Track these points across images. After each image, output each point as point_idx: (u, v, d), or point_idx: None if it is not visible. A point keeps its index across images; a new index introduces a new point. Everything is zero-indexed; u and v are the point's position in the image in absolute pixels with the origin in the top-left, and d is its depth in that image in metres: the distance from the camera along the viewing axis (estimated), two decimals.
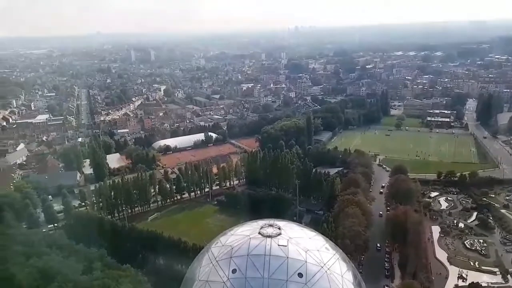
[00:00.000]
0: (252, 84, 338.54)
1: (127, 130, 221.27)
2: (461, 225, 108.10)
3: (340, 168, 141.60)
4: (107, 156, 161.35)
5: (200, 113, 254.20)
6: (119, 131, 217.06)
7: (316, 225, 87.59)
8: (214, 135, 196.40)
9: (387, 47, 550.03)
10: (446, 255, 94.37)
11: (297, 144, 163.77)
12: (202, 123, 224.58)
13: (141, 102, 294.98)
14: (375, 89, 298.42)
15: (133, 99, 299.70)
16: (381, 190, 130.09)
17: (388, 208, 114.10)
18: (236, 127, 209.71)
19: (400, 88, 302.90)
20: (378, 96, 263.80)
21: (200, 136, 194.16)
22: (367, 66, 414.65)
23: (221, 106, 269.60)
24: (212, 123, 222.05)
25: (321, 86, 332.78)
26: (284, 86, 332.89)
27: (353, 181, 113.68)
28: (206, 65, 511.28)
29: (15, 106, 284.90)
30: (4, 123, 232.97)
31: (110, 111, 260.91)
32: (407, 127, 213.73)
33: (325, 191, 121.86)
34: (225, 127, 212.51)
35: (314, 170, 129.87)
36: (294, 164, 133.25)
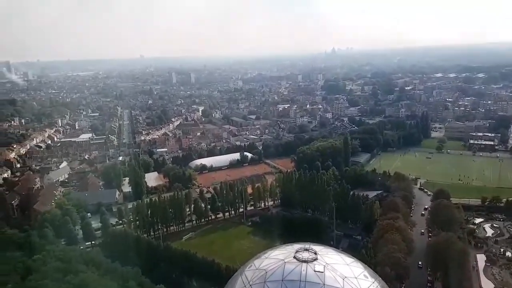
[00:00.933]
0: (288, 105, 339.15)
1: (166, 149, 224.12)
2: (509, 254, 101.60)
3: (379, 191, 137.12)
4: (146, 174, 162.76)
5: (236, 133, 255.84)
6: (158, 150, 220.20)
7: (354, 251, 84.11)
8: (249, 155, 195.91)
9: (427, 69, 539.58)
10: (493, 286, 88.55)
11: (333, 165, 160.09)
12: (238, 143, 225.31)
13: (180, 122, 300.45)
14: (414, 111, 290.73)
15: (173, 119, 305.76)
16: (423, 212, 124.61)
17: (430, 234, 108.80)
18: (271, 147, 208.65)
19: (440, 110, 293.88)
20: (418, 118, 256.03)
21: (236, 156, 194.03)
22: (406, 88, 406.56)
23: (257, 126, 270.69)
24: (248, 143, 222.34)
25: (359, 107, 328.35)
26: (320, 107, 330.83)
27: (393, 205, 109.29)
28: (244, 87, 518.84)
29: (60, 125, 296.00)
30: (49, 142, 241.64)
31: (150, 130, 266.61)
32: (448, 150, 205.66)
33: (363, 215, 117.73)
34: (261, 147, 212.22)
35: (351, 192, 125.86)
36: (330, 186, 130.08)
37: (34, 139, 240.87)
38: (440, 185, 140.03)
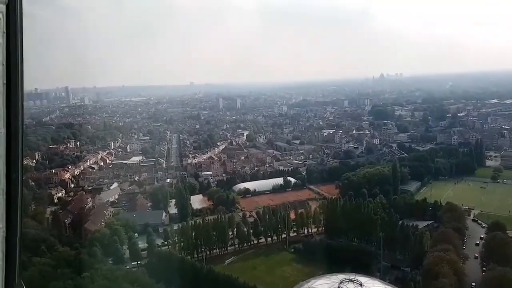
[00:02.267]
0: (333, 130, 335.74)
1: (211, 172, 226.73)
2: None
3: (430, 222, 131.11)
4: (191, 197, 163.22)
5: (279, 157, 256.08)
6: (203, 173, 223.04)
7: (402, 283, 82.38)
8: (293, 180, 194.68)
9: (481, 94, 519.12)
10: None
11: (381, 193, 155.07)
12: (281, 168, 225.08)
13: (225, 146, 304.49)
14: (468, 138, 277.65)
15: (218, 143, 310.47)
16: (477, 243, 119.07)
17: (484, 268, 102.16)
18: (315, 172, 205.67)
19: (496, 138, 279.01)
20: (472, 145, 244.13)
21: (279, 181, 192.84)
22: (458, 114, 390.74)
23: (301, 151, 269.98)
24: (291, 168, 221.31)
25: (408, 133, 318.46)
26: (367, 132, 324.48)
27: (444, 237, 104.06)
28: (288, 112, 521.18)
29: (112, 147, 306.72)
30: (102, 163, 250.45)
31: (196, 154, 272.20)
32: (505, 180, 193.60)
33: (412, 246, 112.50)
34: (304, 172, 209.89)
35: (400, 222, 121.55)
36: (378, 214, 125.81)
37: (88, 160, 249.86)
38: (495, 217, 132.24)
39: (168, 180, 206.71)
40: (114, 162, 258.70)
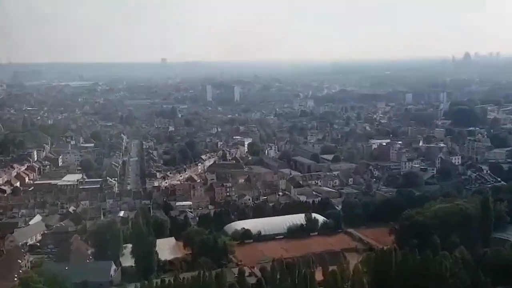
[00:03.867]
0: (388, 141, 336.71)
1: (190, 202, 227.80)
2: None
3: None
4: (158, 240, 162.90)
5: (301, 181, 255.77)
6: (178, 203, 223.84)
7: None
8: (320, 218, 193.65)
9: None
10: None
11: (462, 243, 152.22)
12: (303, 198, 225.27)
13: (215, 161, 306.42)
14: None
15: (203, 156, 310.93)
16: None
17: None
18: (357, 207, 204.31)
19: None
20: None
21: (298, 219, 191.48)
22: None
23: (335, 173, 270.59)
24: (319, 198, 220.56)
25: (509, 148, 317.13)
26: (442, 145, 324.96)
27: None
28: (316, 109, 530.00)
29: (36, 159, 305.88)
30: (17, 184, 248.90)
31: (169, 173, 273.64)
32: None
33: None
34: (340, 206, 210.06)
35: None
36: (457, 276, 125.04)
37: None
38: None
39: (121, 213, 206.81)
40: (37, 182, 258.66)
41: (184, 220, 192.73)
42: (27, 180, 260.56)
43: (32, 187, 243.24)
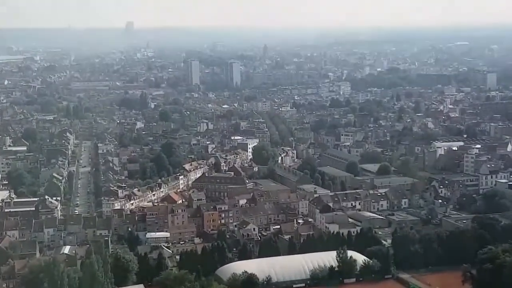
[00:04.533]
0: (461, 144, 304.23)
1: (168, 234, 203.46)
2: None
3: None
4: None
5: (331, 203, 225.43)
6: (149, 235, 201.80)
7: None
8: (360, 259, 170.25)
9: None
10: None
11: None
12: (333, 228, 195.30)
13: (203, 173, 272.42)
14: None
15: (187, 165, 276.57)
16: None
17: None
18: (414, 241, 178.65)
19: None
20: None
21: (327, 259, 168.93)
22: None
23: (382, 192, 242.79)
24: (358, 229, 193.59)
25: None
26: None
27: None
28: (353, 96, 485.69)
29: None
30: None
31: (136, 190, 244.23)
32: None
33: None
34: (389, 240, 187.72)
35: None
36: None
37: None
38: None
39: (66, 249, 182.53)
40: None
41: (158, 260, 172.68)
42: None
43: None
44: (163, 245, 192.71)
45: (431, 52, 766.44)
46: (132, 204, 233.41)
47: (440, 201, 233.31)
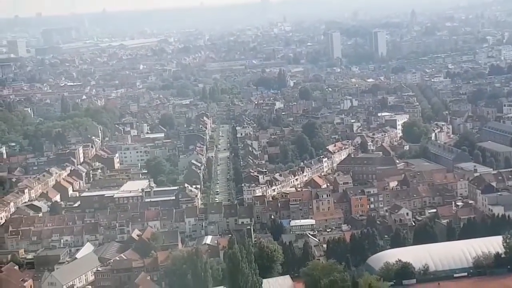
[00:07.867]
0: None
1: (313, 221, 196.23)
2: None
3: None
4: (266, 281, 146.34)
5: (494, 183, 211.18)
6: (293, 222, 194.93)
7: None
8: None
9: None
10: None
11: None
12: (498, 210, 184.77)
13: (349, 154, 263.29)
14: None
15: (331, 147, 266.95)
16: None
17: None
18: None
19: None
20: None
21: (492, 245, 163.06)
22: None
23: None
24: None
25: None
26: None
27: None
28: None
29: (81, 160, 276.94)
30: (57, 198, 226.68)
31: (277, 175, 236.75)
32: None
33: None
34: None
35: None
36: None
37: (26, 192, 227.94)
38: None
39: (208, 239, 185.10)
40: (85, 194, 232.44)
41: (304, 249, 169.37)
42: (70, 191, 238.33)
43: (78, 202, 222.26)
44: (309, 233, 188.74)
45: None
46: (274, 190, 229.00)
47: None
